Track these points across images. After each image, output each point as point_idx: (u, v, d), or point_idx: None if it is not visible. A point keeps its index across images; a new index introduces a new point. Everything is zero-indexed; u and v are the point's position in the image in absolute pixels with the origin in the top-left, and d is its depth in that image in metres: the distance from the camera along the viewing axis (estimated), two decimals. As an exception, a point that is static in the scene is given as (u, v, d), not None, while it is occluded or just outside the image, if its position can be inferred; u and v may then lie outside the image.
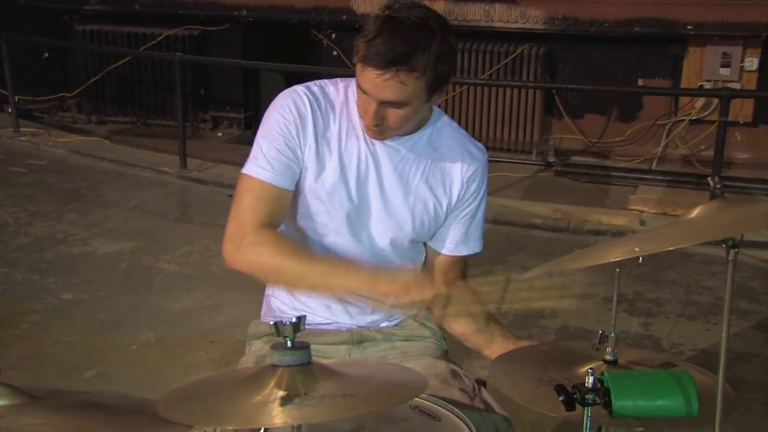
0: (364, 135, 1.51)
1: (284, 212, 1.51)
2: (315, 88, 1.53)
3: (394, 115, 1.42)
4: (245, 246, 1.43)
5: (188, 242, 4.03)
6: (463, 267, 1.65)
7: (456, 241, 1.61)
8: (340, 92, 1.53)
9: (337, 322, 1.60)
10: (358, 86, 1.42)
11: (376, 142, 1.52)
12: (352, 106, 1.51)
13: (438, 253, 1.63)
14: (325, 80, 1.57)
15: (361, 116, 1.47)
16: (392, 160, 1.52)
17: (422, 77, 1.37)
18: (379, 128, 1.45)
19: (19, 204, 4.58)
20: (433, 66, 1.37)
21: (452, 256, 1.62)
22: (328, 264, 1.45)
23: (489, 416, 1.43)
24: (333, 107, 1.52)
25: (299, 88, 1.52)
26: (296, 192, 1.52)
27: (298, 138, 1.49)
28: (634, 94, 5.35)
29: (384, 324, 1.62)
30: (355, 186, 1.51)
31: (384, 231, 1.55)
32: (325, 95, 1.53)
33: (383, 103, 1.40)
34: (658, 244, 1.31)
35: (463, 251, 1.62)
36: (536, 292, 1.34)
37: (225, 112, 6.27)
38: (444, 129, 1.57)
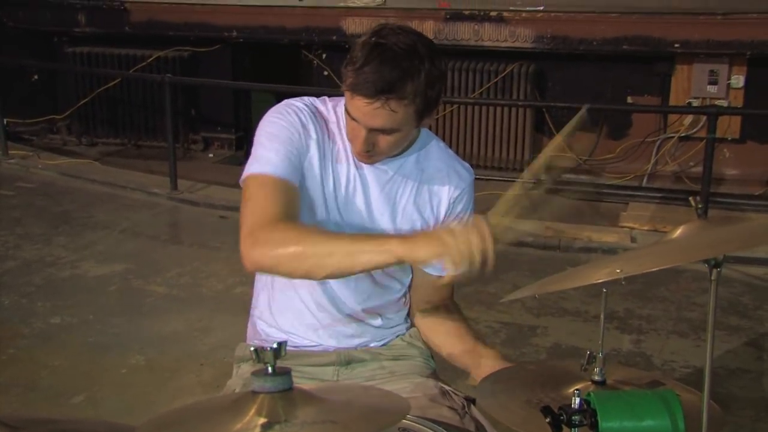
0: (351, 156, 1.51)
1: (298, 207, 1.45)
2: (312, 104, 1.53)
3: (384, 141, 1.43)
4: (263, 239, 1.35)
5: (179, 264, 4.02)
6: (451, 287, 1.66)
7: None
8: (330, 111, 1.54)
9: (323, 344, 1.59)
10: (347, 113, 1.42)
11: (364, 165, 1.52)
12: (341, 126, 1.51)
13: (427, 274, 1.62)
14: (314, 98, 1.56)
15: (351, 141, 1.47)
16: (379, 182, 1.53)
17: (412, 104, 1.37)
18: (369, 154, 1.45)
19: (7, 227, 4.56)
20: (422, 92, 1.37)
21: (440, 277, 1.62)
22: (354, 240, 1.36)
23: None
24: (327, 125, 1.52)
25: (296, 101, 1.52)
26: None
27: (302, 144, 1.47)
28: (623, 112, 5.39)
29: (372, 345, 1.62)
30: (344, 206, 1.51)
31: None
32: (319, 112, 1.53)
33: (373, 130, 1.40)
34: (640, 265, 1.32)
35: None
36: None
37: (216, 132, 6.27)
38: (431, 149, 1.58)
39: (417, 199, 1.55)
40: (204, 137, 6.28)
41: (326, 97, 1.56)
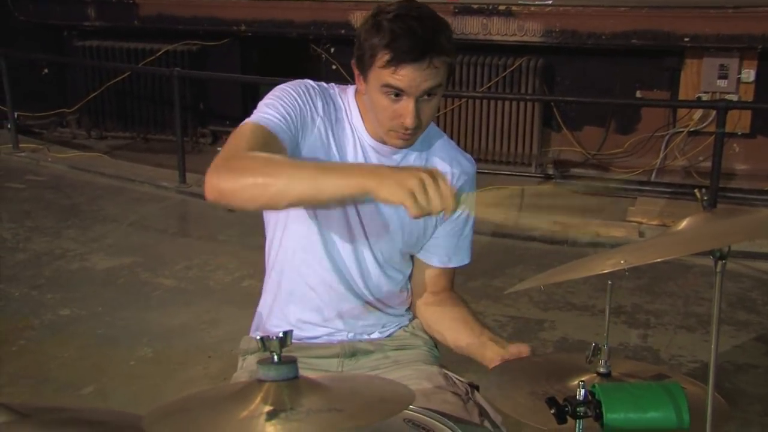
0: (357, 145, 1.52)
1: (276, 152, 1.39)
2: (322, 85, 1.53)
3: (427, 108, 1.44)
4: (228, 166, 1.30)
5: (186, 257, 4.04)
6: (452, 277, 1.67)
7: (447, 254, 1.63)
8: (337, 98, 1.54)
9: (329, 328, 1.60)
10: (384, 93, 1.41)
11: (369, 153, 1.52)
12: (348, 113, 1.52)
13: (428, 266, 1.64)
14: (324, 83, 1.55)
15: (391, 124, 1.45)
16: None
17: (447, 56, 1.41)
18: (416, 129, 1.45)
19: (17, 220, 4.60)
20: (450, 46, 1.42)
21: (442, 269, 1.64)
22: (321, 168, 1.30)
23: (482, 430, 1.43)
24: (335, 108, 1.52)
25: (307, 81, 1.51)
26: None
27: (305, 112, 1.46)
28: (632, 106, 5.37)
29: (375, 335, 1.63)
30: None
31: (374, 242, 1.56)
32: (330, 95, 1.53)
33: (420, 97, 1.41)
34: (644, 256, 1.32)
35: (453, 263, 1.65)
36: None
37: (224, 126, 6.28)
38: (434, 141, 1.59)
39: None
40: (212, 131, 6.31)
41: (334, 84, 1.56)
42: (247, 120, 1.41)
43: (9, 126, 5.94)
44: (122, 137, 6.41)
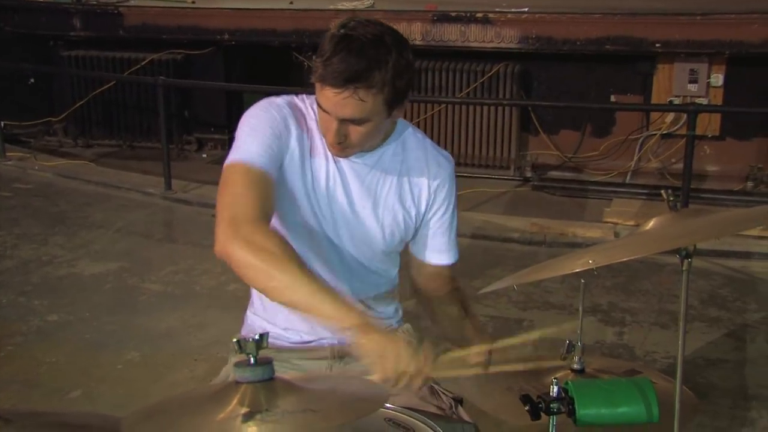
0: (327, 153, 1.53)
1: (273, 201, 1.47)
2: (291, 100, 1.55)
3: (355, 132, 1.44)
4: (241, 239, 1.34)
5: (173, 262, 4.07)
6: (450, 274, 1.68)
7: (441, 250, 1.65)
8: (307, 107, 1.55)
9: (319, 339, 1.61)
10: (318, 105, 1.44)
11: (341, 159, 1.53)
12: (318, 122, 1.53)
13: (425, 264, 1.66)
14: (293, 95, 1.57)
15: (324, 134, 1.48)
16: (359, 176, 1.54)
17: (380, 93, 1.39)
18: (342, 146, 1.46)
19: (4, 227, 4.61)
20: (390, 82, 1.39)
21: (439, 266, 1.66)
22: (321, 291, 1.33)
23: (461, 428, 1.46)
24: (305, 120, 1.53)
25: (276, 99, 1.54)
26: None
27: (282, 137, 1.49)
28: (607, 110, 5.46)
29: None
30: (326, 200, 1.53)
31: (356, 244, 1.57)
32: (298, 108, 1.54)
33: (344, 121, 1.42)
34: (612, 256, 1.35)
35: (449, 260, 1.66)
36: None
37: (209, 133, 6.35)
38: (409, 140, 1.59)
39: (398, 190, 1.56)
40: (197, 138, 6.35)
41: (304, 95, 1.57)
42: (236, 160, 1.44)
43: (-5, 135, 5.96)
44: (108, 145, 6.43)
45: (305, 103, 1.56)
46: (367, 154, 1.54)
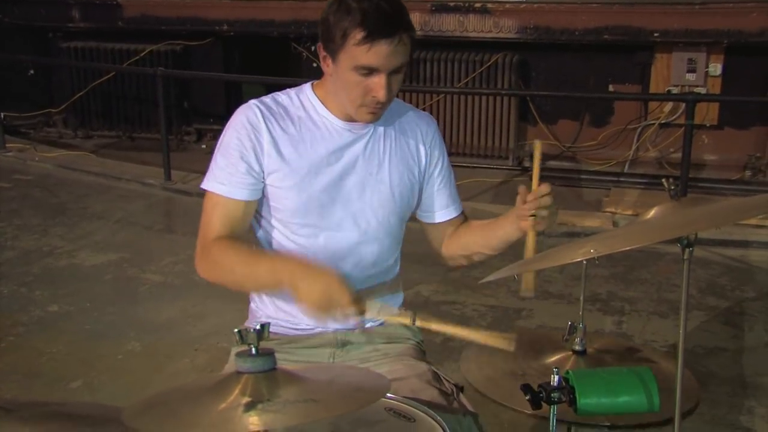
0: (326, 129, 1.56)
1: (246, 221, 1.58)
2: (267, 100, 1.59)
3: (395, 83, 1.49)
4: (203, 260, 1.54)
5: (173, 253, 4.08)
6: (460, 222, 1.73)
7: (448, 204, 1.70)
8: (293, 99, 1.59)
9: (322, 327, 1.61)
10: (356, 70, 1.45)
11: (343, 134, 1.56)
12: (308, 107, 1.57)
13: (436, 225, 1.71)
14: (276, 92, 1.62)
15: (360, 100, 1.50)
16: (359, 146, 1.59)
17: (413, 32, 1.49)
18: (386, 103, 1.51)
19: (5, 218, 4.62)
20: (412, 24, 1.49)
21: (449, 220, 1.71)
22: (259, 257, 1.53)
23: (463, 418, 1.47)
24: (288, 112, 1.57)
25: (252, 102, 1.58)
26: (271, 198, 1.57)
27: (254, 150, 1.54)
28: (605, 100, 5.47)
29: (368, 325, 1.64)
30: (332, 179, 1.56)
31: (370, 214, 1.60)
32: (278, 103, 1.58)
33: (391, 73, 1.47)
34: (613, 245, 1.36)
35: (456, 211, 1.72)
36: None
37: (208, 124, 6.36)
38: (392, 106, 1.62)
39: (397, 151, 1.62)
40: (197, 128, 6.37)
41: (288, 89, 1.62)
42: (208, 188, 1.57)
43: (-5, 126, 5.99)
44: (108, 136, 6.45)
45: (289, 95, 1.60)
46: (361, 125, 1.58)
